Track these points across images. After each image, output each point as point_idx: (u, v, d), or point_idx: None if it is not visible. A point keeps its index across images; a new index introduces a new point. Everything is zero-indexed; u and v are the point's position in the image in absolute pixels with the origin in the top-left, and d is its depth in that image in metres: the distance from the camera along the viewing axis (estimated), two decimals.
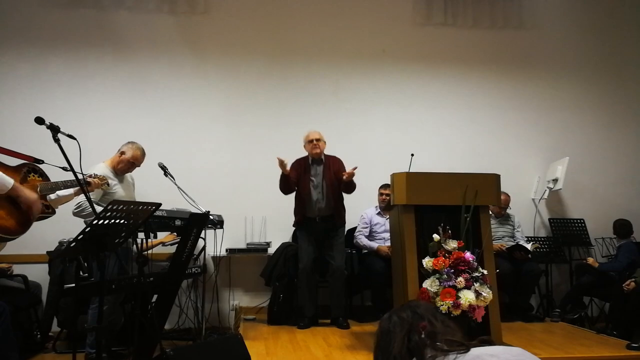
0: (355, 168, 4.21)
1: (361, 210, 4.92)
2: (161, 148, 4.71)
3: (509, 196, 4.92)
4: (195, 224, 3.69)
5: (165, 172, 4.22)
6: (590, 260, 4.69)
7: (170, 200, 4.06)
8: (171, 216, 3.63)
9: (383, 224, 4.83)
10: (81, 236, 2.15)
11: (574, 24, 5.72)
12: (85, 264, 3.21)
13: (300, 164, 4.49)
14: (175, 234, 4.38)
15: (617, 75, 5.72)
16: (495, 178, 3.58)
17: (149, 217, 2.59)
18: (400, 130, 5.35)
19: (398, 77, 5.46)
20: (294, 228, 4.70)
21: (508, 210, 4.97)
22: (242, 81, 5.29)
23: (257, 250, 4.87)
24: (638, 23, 5.80)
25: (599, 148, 5.57)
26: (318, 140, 4.41)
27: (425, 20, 5.48)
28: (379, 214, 4.90)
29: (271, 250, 4.85)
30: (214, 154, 5.15)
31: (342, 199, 4.47)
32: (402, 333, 1.32)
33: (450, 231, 3.40)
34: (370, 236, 4.85)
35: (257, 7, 5.35)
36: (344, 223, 4.49)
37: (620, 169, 5.49)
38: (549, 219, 5.29)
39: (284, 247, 4.77)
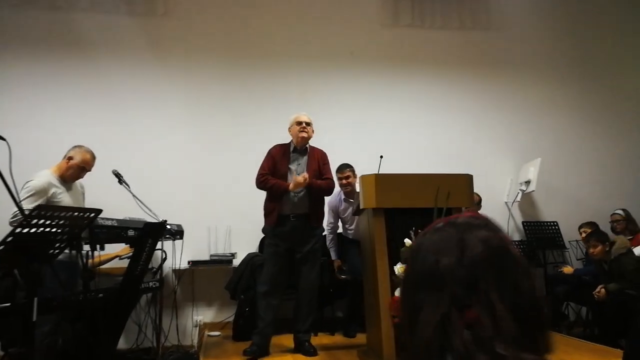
0: (304, 177, 3.60)
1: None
2: (119, 154, 4.47)
3: (479, 196, 4.78)
4: (150, 234, 3.43)
5: (120, 179, 3.93)
6: (566, 269, 4.58)
7: (128, 210, 3.80)
8: (123, 226, 3.34)
9: (349, 212, 4.45)
10: (2, 247, 1.87)
11: (544, 25, 5.68)
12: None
13: (279, 150, 3.84)
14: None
15: (587, 77, 5.69)
16: (468, 179, 3.43)
17: (87, 225, 2.31)
18: (370, 133, 5.19)
19: (367, 79, 5.32)
20: (260, 237, 4.41)
21: (480, 211, 4.83)
22: (204, 85, 5.06)
23: (221, 261, 4.60)
24: (607, 26, 5.80)
25: (571, 149, 5.52)
26: (308, 124, 3.80)
27: (392, 21, 5.37)
28: (345, 200, 4.51)
29: (236, 261, 4.59)
30: (175, 161, 4.88)
31: (322, 198, 3.93)
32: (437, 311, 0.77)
33: None
34: (338, 224, 4.56)
35: (219, 9, 5.15)
36: (321, 225, 3.89)
37: (592, 170, 5.44)
38: (523, 222, 5.19)
39: (249, 257, 4.52)
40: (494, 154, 5.36)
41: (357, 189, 4.27)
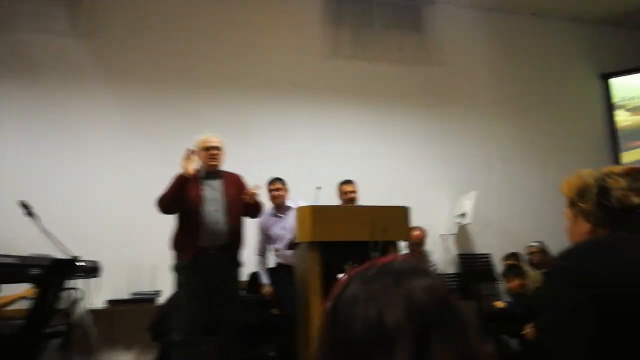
0: (257, 187, 3.38)
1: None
2: (35, 186, 4.07)
3: (423, 231, 4.71)
4: (57, 272, 3.07)
5: (28, 211, 3.52)
6: (497, 304, 4.54)
7: (40, 247, 3.38)
8: (25, 264, 2.95)
9: (281, 225, 4.21)
10: None
11: (482, 62, 5.84)
12: None
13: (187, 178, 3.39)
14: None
15: (520, 113, 5.87)
16: (404, 211, 3.34)
17: None
18: (311, 164, 5.04)
19: (309, 110, 5.24)
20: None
21: (425, 247, 4.76)
22: (135, 113, 4.76)
23: (143, 300, 4.22)
24: (539, 68, 6.03)
25: (505, 182, 5.61)
26: (218, 148, 3.45)
27: (333, 53, 5.34)
28: (274, 215, 4.25)
29: (161, 300, 4.22)
30: (99, 194, 4.51)
31: (243, 226, 3.50)
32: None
33: None
34: (269, 245, 4.28)
35: (156, 32, 4.92)
36: (241, 256, 3.49)
37: (524, 202, 5.54)
38: (458, 255, 5.18)
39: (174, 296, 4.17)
40: (432, 186, 5.36)
41: (289, 203, 4.19)
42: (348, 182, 4.41)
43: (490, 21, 5.92)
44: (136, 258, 4.42)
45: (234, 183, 3.47)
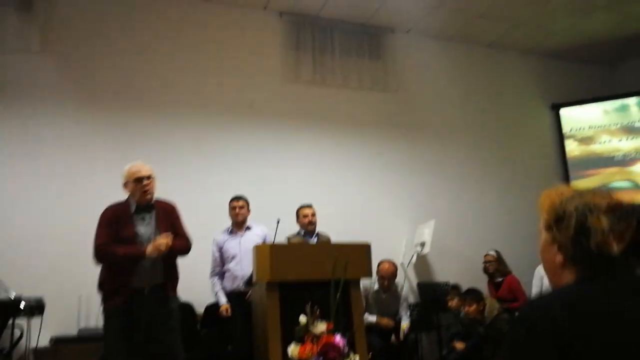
0: (168, 236, 3.00)
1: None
2: None
3: (394, 265, 4.63)
4: None
5: None
6: (458, 345, 4.52)
7: None
8: None
9: (236, 242, 4.13)
10: None
11: (440, 90, 5.94)
12: None
13: (116, 212, 3.09)
14: None
15: (477, 142, 5.99)
16: (366, 248, 3.30)
17: None
18: (267, 191, 4.96)
19: (266, 134, 5.14)
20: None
21: (396, 280, 4.69)
22: (86, 132, 4.54)
23: (91, 338, 3.98)
24: (494, 98, 6.19)
25: (462, 209, 5.70)
26: (149, 178, 3.13)
27: (294, 77, 5.30)
28: (231, 232, 4.19)
29: None
30: (41, 219, 4.26)
31: (176, 262, 3.22)
32: None
33: (319, 311, 3.00)
34: (222, 266, 4.15)
35: (111, 49, 4.75)
36: (176, 294, 3.20)
37: (482, 230, 5.62)
38: (418, 284, 5.20)
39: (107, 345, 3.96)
40: (391, 214, 5.38)
41: (250, 224, 4.16)
42: (307, 206, 4.40)
43: (447, 51, 6.06)
44: (84, 288, 4.19)
45: (167, 215, 3.20)
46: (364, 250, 3.28)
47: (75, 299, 4.15)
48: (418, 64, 5.91)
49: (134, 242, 3.00)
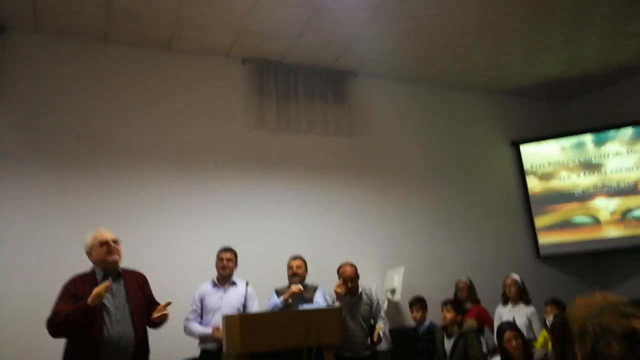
0: (168, 304, 3.02)
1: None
2: None
3: (354, 266, 4.36)
4: None
5: None
6: None
7: None
8: None
9: (218, 296, 3.97)
10: None
11: (402, 134, 5.99)
12: None
13: (81, 283, 2.86)
14: None
15: (441, 182, 6.06)
16: (337, 313, 3.25)
17: None
18: (235, 240, 4.81)
19: (231, 183, 5.06)
20: None
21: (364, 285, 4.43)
22: (39, 190, 4.34)
23: None
24: (456, 137, 6.30)
25: (430, 252, 5.72)
26: (115, 242, 3.00)
27: (258, 124, 5.25)
28: (215, 285, 4.04)
29: None
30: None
31: (147, 334, 3.08)
32: None
33: None
34: (200, 317, 3.97)
35: (70, 98, 4.62)
36: None
37: (450, 270, 5.61)
38: (390, 331, 5.14)
39: None
40: (359, 260, 5.25)
41: (235, 279, 4.02)
42: (295, 257, 4.31)
43: (408, 92, 6.13)
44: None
45: (137, 285, 3.05)
46: (335, 314, 3.22)
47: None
48: (381, 107, 5.98)
49: (99, 316, 2.76)
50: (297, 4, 4.37)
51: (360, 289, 4.34)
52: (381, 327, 4.15)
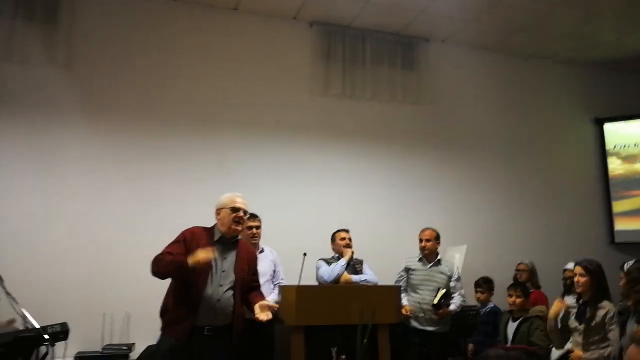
0: (273, 307, 2.82)
1: None
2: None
3: (435, 231, 4.29)
4: (22, 348, 2.84)
5: None
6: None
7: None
8: None
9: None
10: None
11: (474, 104, 5.68)
12: None
13: (198, 236, 2.87)
14: None
15: (513, 158, 5.76)
16: (395, 291, 3.18)
17: None
18: (293, 209, 4.84)
19: (293, 150, 5.02)
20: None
21: (440, 256, 4.33)
22: (109, 149, 4.49)
23: (115, 356, 3.98)
24: (532, 111, 5.92)
25: (495, 230, 5.48)
26: (245, 213, 2.97)
27: (322, 90, 5.13)
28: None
29: (134, 354, 4.00)
30: (65, 235, 4.25)
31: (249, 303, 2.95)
32: None
33: (344, 357, 2.89)
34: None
35: (133, 64, 4.65)
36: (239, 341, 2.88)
37: (513, 251, 5.30)
38: (463, 311, 5.01)
39: (149, 352, 3.95)
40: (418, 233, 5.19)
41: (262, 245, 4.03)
42: (343, 230, 4.24)
43: (483, 61, 5.78)
44: (109, 306, 4.20)
45: (247, 258, 3.00)
46: (393, 292, 3.15)
47: (99, 316, 4.15)
48: (453, 75, 5.66)
49: (206, 272, 2.76)
50: None
51: (439, 256, 4.23)
52: (444, 291, 3.97)
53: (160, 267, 2.74)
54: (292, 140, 5.03)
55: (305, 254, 3.50)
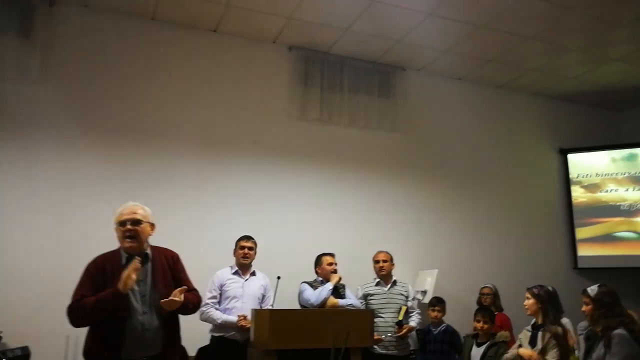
0: (184, 290, 2.59)
1: None
2: None
3: (389, 253, 4.44)
4: None
5: None
6: None
7: None
8: None
9: (240, 285, 3.90)
10: None
11: (447, 132, 5.85)
12: None
13: (105, 264, 2.59)
14: None
15: (482, 185, 5.92)
16: (369, 314, 3.20)
17: None
18: (269, 232, 4.83)
19: (270, 171, 5.05)
20: None
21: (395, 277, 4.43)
22: (81, 166, 4.42)
23: None
24: (502, 139, 6.12)
25: (464, 256, 5.60)
26: (139, 222, 2.65)
27: (300, 114, 5.20)
28: (235, 273, 3.99)
29: None
30: (27, 255, 4.13)
31: (178, 322, 2.74)
32: None
33: None
34: (219, 304, 3.86)
35: (116, 81, 4.64)
36: None
37: (482, 276, 5.41)
38: (417, 330, 5.07)
39: None
40: (394, 258, 5.25)
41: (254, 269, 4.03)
42: (329, 254, 4.27)
43: (457, 90, 5.98)
44: (71, 328, 4.06)
45: (166, 267, 2.68)
46: (367, 316, 3.18)
47: (62, 339, 4.01)
48: (427, 103, 5.84)
49: (124, 302, 2.46)
50: None
51: (394, 277, 4.30)
52: (405, 308, 4.11)
53: (85, 313, 2.45)
54: (269, 164, 5.06)
55: (279, 278, 3.50)
